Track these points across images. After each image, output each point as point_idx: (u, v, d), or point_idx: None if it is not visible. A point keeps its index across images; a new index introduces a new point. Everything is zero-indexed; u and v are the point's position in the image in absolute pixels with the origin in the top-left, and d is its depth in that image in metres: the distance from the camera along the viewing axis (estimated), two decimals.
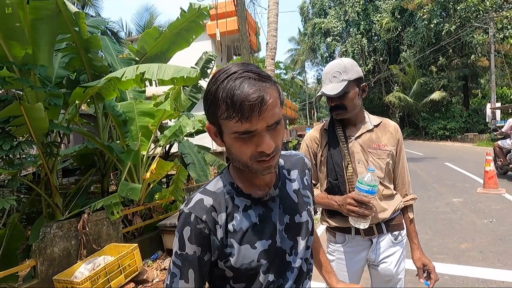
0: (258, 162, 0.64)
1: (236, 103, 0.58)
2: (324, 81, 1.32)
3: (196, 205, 0.69)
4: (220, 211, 0.70)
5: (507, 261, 3.00)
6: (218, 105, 0.61)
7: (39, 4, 3.08)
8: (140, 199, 3.92)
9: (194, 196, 0.72)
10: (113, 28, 14.62)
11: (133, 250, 3.11)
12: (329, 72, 1.30)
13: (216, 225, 0.69)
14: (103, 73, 4.08)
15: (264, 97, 0.59)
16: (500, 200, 5.24)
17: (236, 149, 0.64)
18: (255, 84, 0.59)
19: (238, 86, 0.58)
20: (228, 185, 0.74)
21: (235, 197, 0.73)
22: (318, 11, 34.03)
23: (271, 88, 0.62)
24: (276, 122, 0.63)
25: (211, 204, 0.70)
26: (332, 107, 1.33)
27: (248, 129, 0.60)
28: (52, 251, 2.85)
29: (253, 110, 0.58)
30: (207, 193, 0.72)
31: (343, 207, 1.21)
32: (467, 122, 23.24)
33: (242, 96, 0.58)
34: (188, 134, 6.03)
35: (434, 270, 1.33)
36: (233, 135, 0.62)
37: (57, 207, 3.60)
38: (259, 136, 0.61)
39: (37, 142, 3.30)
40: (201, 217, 0.68)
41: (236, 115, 0.58)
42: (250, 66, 0.63)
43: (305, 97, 48.08)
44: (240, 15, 5.97)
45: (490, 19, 18.03)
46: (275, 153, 0.64)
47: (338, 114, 1.34)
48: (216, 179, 0.76)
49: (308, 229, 0.81)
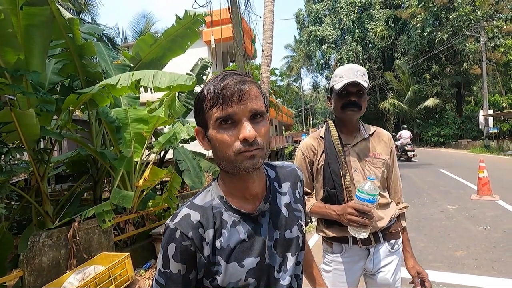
0: (241, 153, 0.63)
1: (218, 90, 0.63)
2: (346, 75, 1.28)
3: (182, 221, 0.67)
4: (207, 227, 0.67)
5: (501, 269, 2.99)
6: (204, 100, 0.66)
7: (33, 10, 3.07)
8: (133, 206, 3.87)
9: (180, 211, 0.69)
10: (109, 34, 14.63)
11: (125, 259, 3.05)
12: (353, 69, 1.29)
13: (202, 242, 0.66)
14: (97, 79, 4.06)
15: (244, 86, 0.63)
16: (494, 206, 5.27)
17: (219, 141, 0.64)
18: (236, 78, 0.65)
19: (220, 80, 0.65)
20: (217, 199, 0.71)
21: (224, 212, 0.70)
22: (314, 19, 34.47)
23: (251, 83, 0.66)
24: (259, 114, 0.65)
25: (198, 220, 0.67)
26: (349, 102, 1.29)
27: (230, 114, 0.62)
28: (41, 261, 2.78)
29: (233, 95, 0.62)
30: (194, 208, 0.69)
31: (343, 217, 1.18)
32: (461, 129, 23.53)
33: (223, 84, 0.63)
34: (183, 141, 6.00)
35: (428, 278, 1.33)
36: (216, 124, 0.64)
37: (48, 215, 3.53)
38: (240, 124, 0.63)
39: (28, 149, 3.26)
40: (187, 234, 0.65)
41: (218, 100, 0.63)
42: (234, 71, 0.68)
43: (301, 104, 48.34)
44: (235, 23, 6.02)
45: (481, 28, 18.42)
46: (258, 146, 0.64)
47: (351, 112, 1.30)
48: (204, 192, 0.74)
49: (298, 245, 0.78)
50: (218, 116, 0.63)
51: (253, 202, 0.73)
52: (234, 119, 0.63)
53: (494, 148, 16.87)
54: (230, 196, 0.72)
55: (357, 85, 1.26)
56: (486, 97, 17.90)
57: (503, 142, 17.05)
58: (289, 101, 29.87)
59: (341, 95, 1.30)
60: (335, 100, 1.34)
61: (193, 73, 6.08)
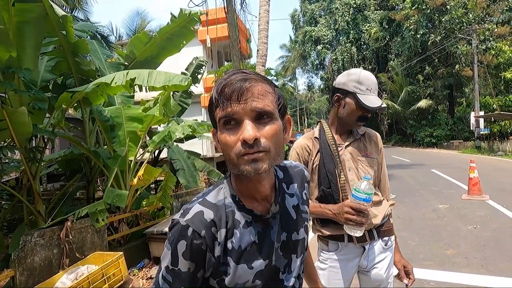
0: (242, 156, 0.59)
1: (219, 89, 0.61)
2: (373, 90, 1.31)
3: (194, 218, 0.64)
4: (220, 227, 0.65)
5: (490, 267, 3.06)
6: (212, 100, 0.64)
7: (25, 7, 3.02)
8: (127, 205, 3.84)
9: (192, 207, 0.66)
10: (103, 32, 14.47)
11: (118, 259, 3.02)
12: (374, 83, 1.32)
13: (214, 242, 0.64)
14: (90, 78, 4.02)
15: (244, 83, 0.60)
16: (484, 206, 5.37)
17: (223, 142, 0.62)
18: (242, 75, 0.62)
19: (224, 78, 0.63)
20: (229, 197, 0.69)
21: (236, 211, 0.68)
22: (309, 19, 34.62)
23: (260, 81, 0.63)
24: (265, 114, 0.61)
25: (212, 218, 0.64)
26: (363, 117, 1.33)
27: (229, 114, 0.60)
28: (33, 261, 2.75)
29: (233, 94, 0.60)
30: (207, 205, 0.66)
31: (340, 216, 1.21)
32: (453, 130, 23.90)
33: (225, 83, 0.61)
34: (178, 140, 5.98)
35: (412, 270, 1.41)
36: (220, 124, 0.62)
37: (40, 214, 3.49)
38: (241, 124, 0.60)
39: (20, 147, 3.21)
40: (199, 232, 0.62)
41: (220, 100, 0.61)
42: (246, 70, 0.66)
43: (296, 104, 48.50)
44: (231, 23, 6.02)
45: (473, 31, 18.72)
46: (260, 149, 0.59)
47: (361, 125, 1.37)
48: (217, 190, 0.71)
49: (304, 246, 0.78)
50: (220, 116, 0.61)
51: (263, 204, 0.71)
52: (235, 119, 0.60)
53: (485, 149, 17.18)
54: (242, 195, 0.70)
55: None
56: (477, 98, 18.20)
57: (493, 143, 17.37)
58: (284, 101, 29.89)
59: (360, 107, 1.30)
60: (350, 107, 1.31)
61: (188, 72, 6.05)
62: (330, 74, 32.73)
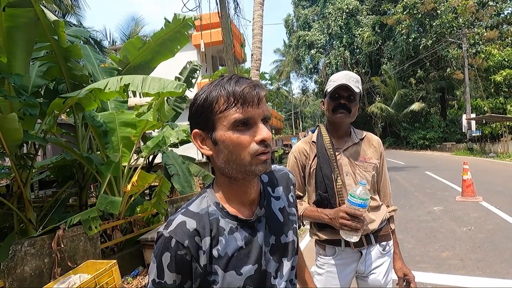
0: (258, 156, 0.63)
1: (237, 91, 0.62)
2: (340, 80, 1.30)
3: (177, 229, 0.64)
4: (204, 235, 0.65)
5: (485, 269, 3.07)
6: (215, 101, 0.64)
7: (16, 12, 2.99)
8: (121, 212, 3.78)
9: (175, 218, 0.66)
10: (96, 37, 14.39)
11: (112, 267, 2.96)
12: (347, 75, 1.31)
13: (199, 251, 0.64)
14: (83, 83, 3.98)
15: (260, 91, 0.65)
16: (477, 208, 5.42)
17: (235, 142, 0.63)
18: (251, 82, 0.66)
19: (235, 82, 0.64)
20: (213, 205, 0.69)
21: (220, 218, 0.68)
22: (302, 24, 34.94)
23: (265, 90, 0.69)
24: (269, 118, 0.67)
25: (195, 228, 0.64)
26: (339, 104, 1.31)
27: (249, 116, 0.63)
28: (23, 271, 2.68)
29: (253, 97, 0.63)
30: (189, 215, 0.66)
31: (335, 221, 1.20)
32: (445, 132, 24.24)
33: (242, 86, 0.63)
34: (172, 145, 5.93)
35: (414, 279, 1.37)
36: (232, 126, 0.63)
37: (30, 223, 3.41)
38: (257, 126, 0.64)
39: (10, 154, 3.15)
40: (182, 243, 0.62)
41: (238, 101, 0.62)
42: (239, 76, 0.69)
43: (290, 107, 48.71)
44: (225, 27, 6.03)
45: (463, 35, 19.10)
46: (270, 149, 0.65)
47: (340, 115, 1.31)
48: (200, 199, 0.71)
49: (294, 249, 0.78)
50: (237, 118, 0.62)
51: (250, 208, 0.72)
52: (250, 122, 0.64)
53: (477, 150, 17.43)
54: (226, 202, 0.70)
55: (348, 90, 1.29)
56: (468, 101, 18.52)
57: (485, 144, 17.65)
58: (279, 105, 30.12)
59: (332, 97, 1.33)
60: (327, 103, 1.37)
61: (182, 76, 6.03)
62: (324, 78, 33.00)
